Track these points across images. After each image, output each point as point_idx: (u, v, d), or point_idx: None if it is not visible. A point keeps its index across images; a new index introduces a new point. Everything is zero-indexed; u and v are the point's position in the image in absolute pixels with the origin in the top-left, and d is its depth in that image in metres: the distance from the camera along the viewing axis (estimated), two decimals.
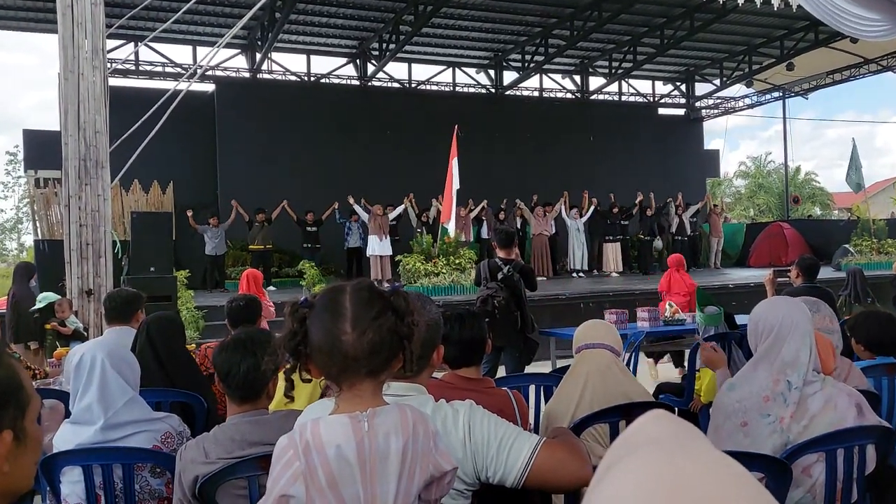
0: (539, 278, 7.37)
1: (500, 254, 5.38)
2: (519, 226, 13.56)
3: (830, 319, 2.52)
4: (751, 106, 20.26)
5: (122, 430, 2.24)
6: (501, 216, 13.65)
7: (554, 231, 13.92)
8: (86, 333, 5.84)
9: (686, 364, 5.34)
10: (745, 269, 15.42)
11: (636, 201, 14.36)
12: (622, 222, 14.29)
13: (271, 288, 10.85)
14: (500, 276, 5.23)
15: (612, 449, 0.61)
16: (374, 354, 1.25)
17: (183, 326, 3.52)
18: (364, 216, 12.44)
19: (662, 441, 0.58)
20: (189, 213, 11.98)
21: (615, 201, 14.40)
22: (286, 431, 1.30)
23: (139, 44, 12.63)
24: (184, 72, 13.74)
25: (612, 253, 14.14)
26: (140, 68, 14.63)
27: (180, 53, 15.04)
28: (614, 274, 13.91)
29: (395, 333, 1.26)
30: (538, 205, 13.97)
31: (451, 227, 10.65)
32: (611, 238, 14.14)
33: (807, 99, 19.48)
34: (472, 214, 13.16)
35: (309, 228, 12.82)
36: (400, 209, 12.69)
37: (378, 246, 12.00)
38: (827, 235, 16.25)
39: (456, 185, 10.26)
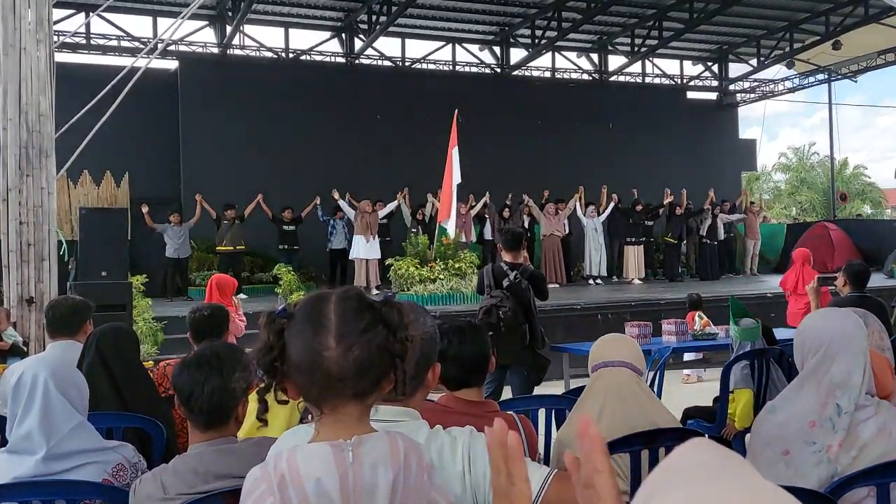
0: (550, 286, 7.38)
1: (506, 257, 5.39)
2: (527, 225, 13.59)
3: (880, 335, 2.52)
4: (792, 90, 20.35)
5: (68, 461, 2.23)
6: (507, 214, 13.68)
7: (567, 231, 13.94)
8: (25, 348, 5.83)
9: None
10: None
11: (665, 202, 14.39)
12: (646, 222, 14.32)
13: (242, 296, 10.80)
14: (505, 283, 5.23)
15: (651, 479, 0.62)
16: (360, 374, 1.24)
17: (138, 340, 3.54)
18: (350, 213, 12.44)
19: (707, 470, 0.60)
20: (145, 210, 11.93)
21: (638, 198, 14.43)
22: (258, 462, 1.29)
23: (91, 14, 12.63)
24: (142, 46, 13.73)
25: (634, 257, 14.16)
26: (92, 42, 14.62)
27: (138, 25, 15.08)
28: (636, 281, 13.94)
29: (385, 350, 1.25)
30: (549, 201, 14.00)
31: (450, 226, 10.67)
32: (633, 240, 14.17)
33: (856, 82, 19.57)
34: (474, 212, 13.18)
35: (286, 227, 12.82)
36: (392, 206, 12.70)
37: (363, 248, 12.00)
38: (878, 238, 16.33)
39: (456, 178, 10.29)
